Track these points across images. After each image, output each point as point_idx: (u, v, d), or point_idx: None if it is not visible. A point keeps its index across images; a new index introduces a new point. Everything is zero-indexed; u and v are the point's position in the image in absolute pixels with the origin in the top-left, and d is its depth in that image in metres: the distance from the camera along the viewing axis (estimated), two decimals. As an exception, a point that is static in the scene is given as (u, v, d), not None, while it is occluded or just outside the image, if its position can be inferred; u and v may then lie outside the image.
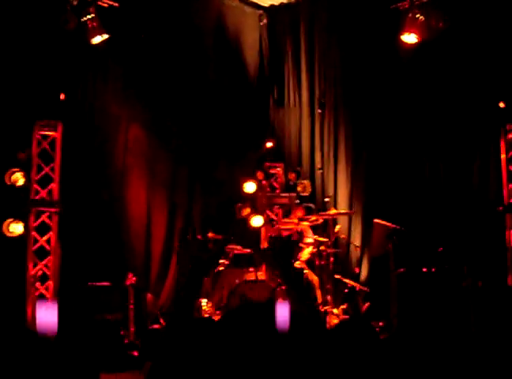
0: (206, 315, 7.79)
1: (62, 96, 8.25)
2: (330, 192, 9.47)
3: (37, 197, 8.14)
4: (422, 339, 6.85)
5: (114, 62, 9.03)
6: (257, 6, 10.20)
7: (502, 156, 8.09)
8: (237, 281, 8.07)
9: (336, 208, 8.90)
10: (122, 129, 9.21)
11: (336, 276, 8.24)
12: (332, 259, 8.16)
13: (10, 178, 7.79)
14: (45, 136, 8.23)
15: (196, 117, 9.68)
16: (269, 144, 9.78)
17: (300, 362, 1.67)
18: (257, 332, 1.58)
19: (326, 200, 9.03)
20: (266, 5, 10.18)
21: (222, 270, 8.29)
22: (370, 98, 9.28)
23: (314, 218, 8.37)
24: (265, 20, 10.20)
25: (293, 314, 1.60)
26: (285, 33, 10.24)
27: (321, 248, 8.21)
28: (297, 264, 8.46)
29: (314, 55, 9.99)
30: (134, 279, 7.98)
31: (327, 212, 8.47)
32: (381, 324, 7.71)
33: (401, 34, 8.26)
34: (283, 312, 1.72)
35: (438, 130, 8.68)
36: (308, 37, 9.99)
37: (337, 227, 8.55)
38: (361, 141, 9.51)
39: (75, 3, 7.95)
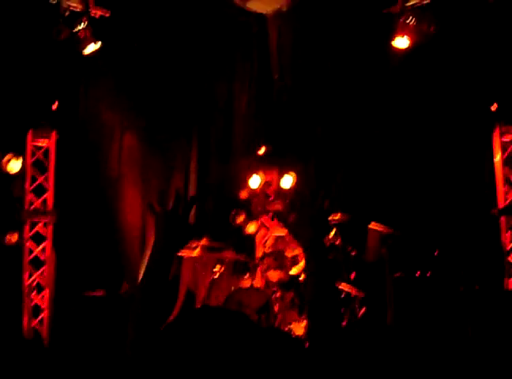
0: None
1: (55, 105, 8.28)
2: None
3: (32, 207, 8.14)
4: (419, 343, 6.80)
5: (108, 71, 9.03)
6: (249, 14, 10.13)
7: (497, 158, 8.10)
8: (233, 288, 8.09)
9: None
10: (116, 137, 9.25)
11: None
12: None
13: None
14: (39, 147, 8.23)
15: (190, 124, 9.69)
16: (262, 150, 9.73)
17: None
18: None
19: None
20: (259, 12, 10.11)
21: (217, 277, 8.31)
22: (362, 101, 9.24)
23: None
24: (255, 28, 10.14)
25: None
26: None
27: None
28: (293, 272, 8.45)
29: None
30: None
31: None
32: (378, 327, 7.68)
33: (393, 38, 8.26)
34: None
35: (431, 132, 8.66)
36: (295, 42, 9.95)
37: (332, 232, 8.52)
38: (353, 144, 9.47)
39: (67, 14, 7.98)
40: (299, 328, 8.01)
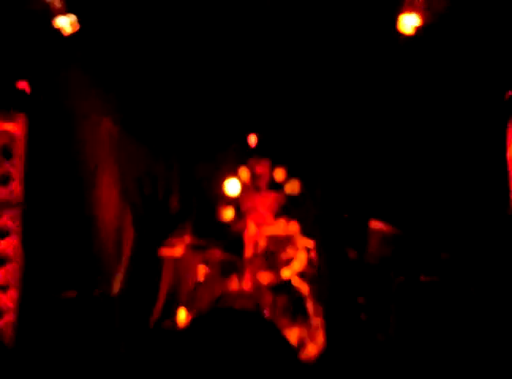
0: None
1: (26, 87, 7.85)
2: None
3: (-4, 198, 7.84)
4: (423, 352, 6.62)
5: (85, 53, 8.59)
6: None
7: (510, 153, 7.65)
8: (219, 290, 7.93)
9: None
10: (93, 124, 8.84)
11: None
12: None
13: None
14: (5, 132, 7.78)
15: (172, 111, 9.35)
16: (252, 139, 9.48)
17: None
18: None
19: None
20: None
21: (203, 279, 8.16)
22: (363, 90, 8.85)
23: None
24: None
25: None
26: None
27: (312, 254, 8.12)
28: (286, 275, 8.19)
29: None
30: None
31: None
32: (379, 336, 7.46)
33: (399, 16, 7.89)
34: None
35: (440, 125, 8.39)
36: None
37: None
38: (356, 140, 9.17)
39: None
40: (291, 335, 7.82)
